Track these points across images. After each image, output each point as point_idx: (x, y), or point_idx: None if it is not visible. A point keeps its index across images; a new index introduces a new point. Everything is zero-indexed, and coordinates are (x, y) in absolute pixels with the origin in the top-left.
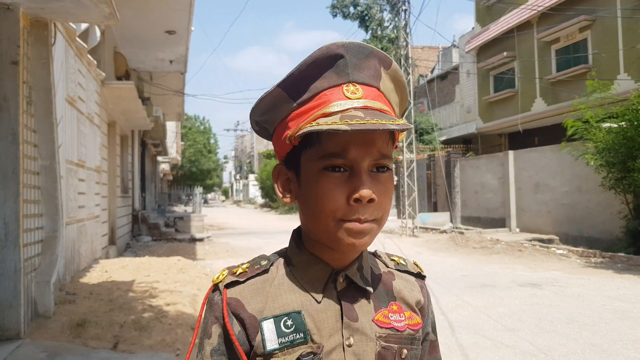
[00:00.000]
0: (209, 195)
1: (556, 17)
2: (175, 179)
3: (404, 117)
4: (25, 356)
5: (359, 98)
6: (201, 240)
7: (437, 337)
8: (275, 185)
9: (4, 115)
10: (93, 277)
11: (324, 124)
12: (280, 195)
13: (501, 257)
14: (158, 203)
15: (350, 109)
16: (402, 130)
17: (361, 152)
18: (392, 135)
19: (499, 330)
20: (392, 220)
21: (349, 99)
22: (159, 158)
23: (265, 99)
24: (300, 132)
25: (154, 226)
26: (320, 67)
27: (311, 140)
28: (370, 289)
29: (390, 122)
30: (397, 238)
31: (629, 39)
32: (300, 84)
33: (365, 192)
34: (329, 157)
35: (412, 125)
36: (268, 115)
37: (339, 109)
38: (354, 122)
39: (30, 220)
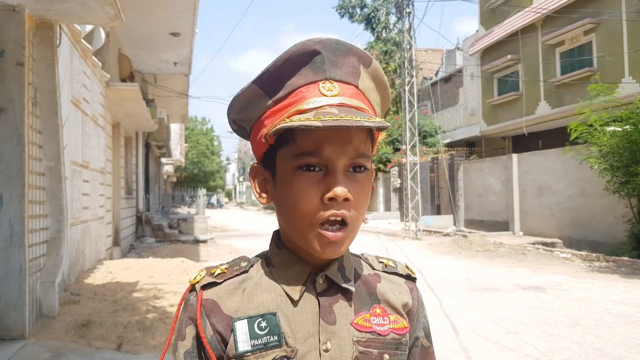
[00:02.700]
0: (213, 199)
1: (561, 20)
2: (178, 181)
3: (408, 120)
4: (30, 356)
5: (335, 95)
6: (204, 241)
7: (431, 343)
8: (253, 186)
9: (9, 116)
10: (97, 277)
11: (297, 121)
12: (257, 195)
13: (504, 260)
14: (162, 204)
15: (325, 105)
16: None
17: (336, 150)
18: (370, 134)
19: (502, 334)
20: (395, 223)
21: (325, 96)
22: (163, 160)
23: (241, 96)
24: (274, 129)
25: (157, 227)
26: (296, 63)
27: (286, 138)
28: (352, 289)
29: (366, 120)
30: (400, 241)
31: (634, 42)
32: (276, 80)
33: (340, 191)
34: (303, 155)
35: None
36: (244, 113)
37: (314, 106)
38: (327, 119)
39: (35, 220)
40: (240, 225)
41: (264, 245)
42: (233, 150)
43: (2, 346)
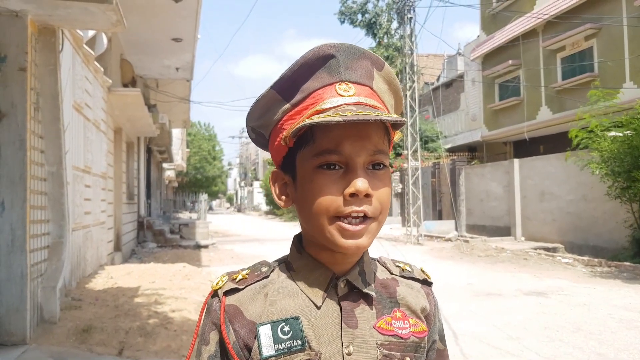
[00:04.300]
0: (214, 202)
1: (562, 26)
2: (180, 186)
3: (409, 125)
4: None
5: (352, 95)
6: (206, 247)
7: (446, 347)
8: (273, 189)
9: (11, 121)
10: (99, 283)
11: (317, 119)
12: (277, 199)
13: (506, 265)
14: (163, 210)
15: (343, 104)
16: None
17: (356, 146)
18: (387, 132)
19: (504, 339)
20: (396, 228)
21: (342, 96)
22: (165, 165)
23: (260, 102)
24: (294, 128)
25: (159, 232)
26: (312, 67)
27: (305, 139)
28: (373, 294)
29: (383, 115)
30: (402, 246)
31: (635, 47)
32: (293, 85)
33: (361, 185)
34: (323, 153)
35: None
36: (263, 120)
37: (332, 105)
38: (346, 114)
39: (37, 226)
40: (242, 231)
41: (266, 250)
42: (234, 156)
43: (3, 351)
